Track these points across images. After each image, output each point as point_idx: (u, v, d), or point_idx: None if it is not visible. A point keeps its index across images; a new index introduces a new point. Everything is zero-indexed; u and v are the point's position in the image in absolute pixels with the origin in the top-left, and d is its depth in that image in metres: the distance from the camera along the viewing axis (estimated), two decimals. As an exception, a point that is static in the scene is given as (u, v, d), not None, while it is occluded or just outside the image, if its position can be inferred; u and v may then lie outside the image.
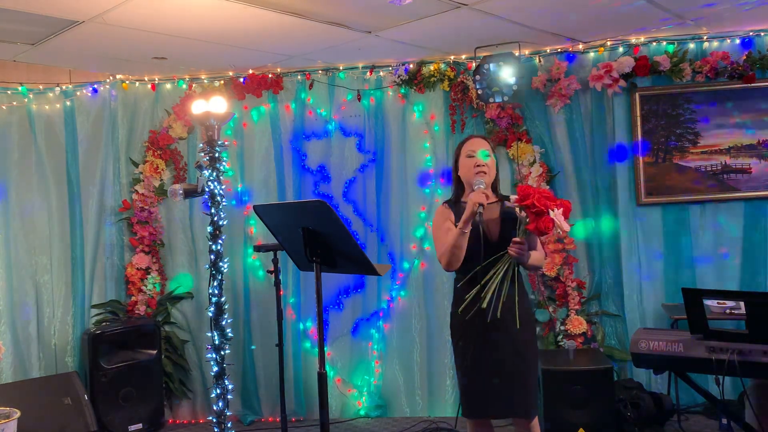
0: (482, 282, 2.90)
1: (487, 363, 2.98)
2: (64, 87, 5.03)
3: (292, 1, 3.53)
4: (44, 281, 4.97)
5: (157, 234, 5.10)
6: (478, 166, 3.05)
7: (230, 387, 3.95)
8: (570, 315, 4.67)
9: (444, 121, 4.97)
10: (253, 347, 5.05)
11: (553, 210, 2.76)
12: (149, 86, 5.13)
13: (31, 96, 4.96)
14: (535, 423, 3.02)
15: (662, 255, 4.73)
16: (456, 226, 3.00)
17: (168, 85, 5.14)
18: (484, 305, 2.87)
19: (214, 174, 3.91)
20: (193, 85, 5.11)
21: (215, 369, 3.89)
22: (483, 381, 2.99)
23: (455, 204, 3.14)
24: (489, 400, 2.98)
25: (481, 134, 3.47)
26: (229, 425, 3.96)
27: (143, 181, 5.06)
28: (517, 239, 2.88)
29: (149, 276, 5.04)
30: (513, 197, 2.90)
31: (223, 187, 3.96)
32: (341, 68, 5.03)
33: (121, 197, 5.10)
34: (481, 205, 2.86)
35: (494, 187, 3.16)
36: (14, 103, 4.92)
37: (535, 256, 3.02)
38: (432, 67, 4.90)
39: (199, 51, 4.42)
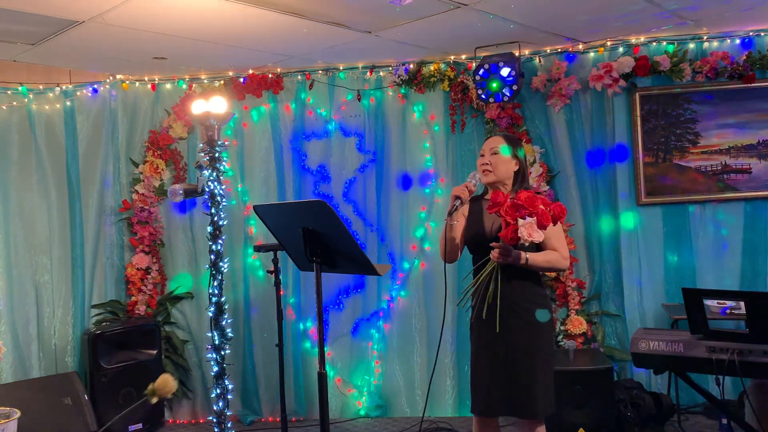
0: (469, 285, 2.94)
1: (486, 361, 2.98)
2: (64, 87, 5.03)
3: (292, 1, 3.53)
4: (44, 281, 4.97)
5: (157, 234, 5.10)
6: (482, 165, 3.06)
7: (230, 387, 3.95)
8: (570, 315, 4.67)
9: (444, 121, 4.97)
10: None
11: (524, 218, 2.69)
12: (149, 86, 5.13)
13: (31, 96, 4.96)
14: (541, 429, 3.00)
15: (662, 255, 4.73)
16: (467, 219, 3.06)
17: (168, 85, 5.14)
18: (459, 305, 2.90)
19: (214, 174, 3.91)
20: (193, 85, 5.11)
21: (215, 369, 3.89)
22: (483, 378, 2.99)
23: (474, 200, 3.13)
24: (489, 398, 2.98)
25: (502, 133, 3.45)
26: (229, 425, 3.97)
27: (143, 181, 5.06)
28: (497, 243, 2.84)
29: (149, 276, 5.04)
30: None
31: (223, 187, 3.96)
32: (341, 68, 5.03)
33: (121, 197, 5.10)
34: (458, 198, 2.88)
35: (516, 183, 3.10)
36: (14, 103, 4.92)
37: (546, 258, 2.94)
38: (432, 67, 4.90)
39: (199, 51, 4.42)
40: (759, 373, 3.01)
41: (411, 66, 4.93)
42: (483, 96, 4.56)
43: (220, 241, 3.93)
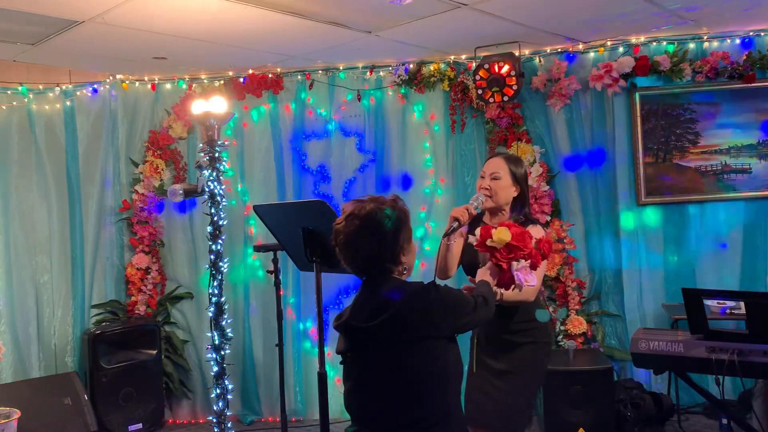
0: None
1: (469, 376, 3.01)
2: (64, 87, 5.03)
3: (292, 1, 3.53)
4: (44, 281, 4.96)
5: (157, 234, 5.10)
6: (482, 188, 2.98)
7: (230, 387, 3.95)
8: (570, 315, 4.67)
9: (444, 121, 4.97)
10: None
11: (518, 261, 2.41)
12: (149, 86, 5.12)
13: (31, 96, 4.96)
14: None
15: (662, 255, 4.73)
16: (465, 241, 2.98)
17: (168, 85, 5.14)
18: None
19: (214, 174, 3.91)
20: (193, 85, 5.11)
21: (215, 369, 3.89)
22: (467, 392, 3.02)
23: (474, 223, 3.09)
24: (471, 410, 3.00)
25: (505, 154, 3.33)
26: (229, 425, 3.97)
27: (143, 181, 5.06)
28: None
29: (149, 276, 5.04)
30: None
31: (223, 187, 3.96)
32: (341, 68, 5.03)
33: (121, 197, 5.10)
34: (456, 220, 2.81)
35: (514, 209, 3.01)
36: (14, 103, 4.91)
37: (516, 293, 2.61)
38: (432, 67, 4.90)
39: (199, 51, 4.42)
40: (759, 373, 3.01)
41: (411, 66, 4.93)
42: (482, 96, 4.55)
43: (220, 241, 3.93)
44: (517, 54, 4.49)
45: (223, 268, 3.94)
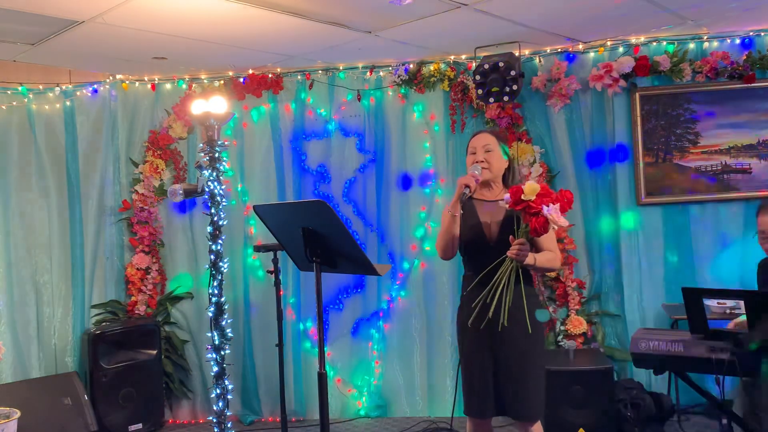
0: (488, 288, 2.82)
1: (482, 363, 2.97)
2: (64, 87, 5.03)
3: (292, 1, 3.53)
4: (44, 281, 4.96)
5: (157, 234, 5.10)
6: (478, 162, 3.04)
7: (230, 387, 3.94)
8: (570, 315, 4.67)
9: (444, 121, 4.97)
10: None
11: (548, 206, 2.64)
12: (149, 86, 5.12)
13: (31, 96, 4.96)
14: (537, 427, 3.00)
15: (662, 255, 4.73)
16: (461, 220, 3.00)
17: (168, 85, 5.14)
18: (491, 314, 2.79)
19: (214, 174, 3.91)
20: (193, 85, 5.11)
21: (215, 369, 3.89)
22: (480, 381, 2.99)
23: (464, 202, 3.11)
24: (486, 400, 2.97)
25: (488, 129, 3.39)
26: (229, 425, 3.96)
27: (143, 181, 5.06)
28: (517, 240, 2.75)
29: (149, 276, 5.04)
30: (506, 197, 2.72)
31: (223, 187, 3.96)
32: (341, 68, 5.03)
33: (121, 197, 5.10)
34: (467, 186, 2.86)
35: (506, 179, 3.10)
36: (14, 103, 4.91)
37: (546, 258, 2.91)
38: (432, 67, 4.90)
39: (199, 51, 4.42)
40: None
41: (411, 66, 4.93)
42: (483, 96, 4.55)
43: (220, 241, 3.93)
44: (517, 54, 4.49)
45: (223, 268, 3.94)
